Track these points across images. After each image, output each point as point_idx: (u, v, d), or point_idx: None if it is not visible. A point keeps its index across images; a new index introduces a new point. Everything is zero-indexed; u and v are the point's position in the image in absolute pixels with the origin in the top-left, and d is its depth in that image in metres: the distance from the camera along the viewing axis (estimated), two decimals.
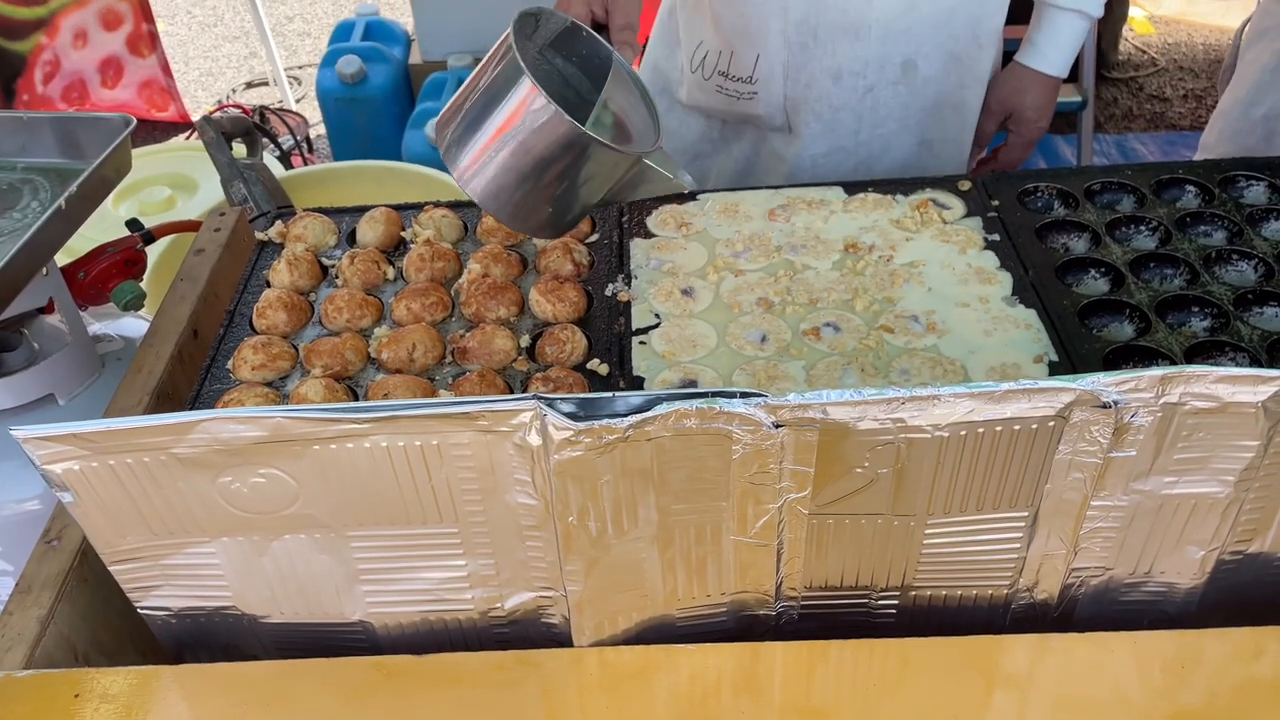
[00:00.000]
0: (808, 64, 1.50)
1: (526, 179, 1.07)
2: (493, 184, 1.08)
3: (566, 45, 1.17)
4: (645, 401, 0.78)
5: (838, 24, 1.47)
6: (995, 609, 0.95)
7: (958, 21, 1.51)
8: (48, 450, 0.81)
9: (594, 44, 1.17)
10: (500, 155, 1.06)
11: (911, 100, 1.55)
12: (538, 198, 1.09)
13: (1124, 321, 1.16)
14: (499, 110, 1.05)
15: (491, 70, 1.06)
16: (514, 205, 1.10)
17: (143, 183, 2.85)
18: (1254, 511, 0.89)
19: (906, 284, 1.21)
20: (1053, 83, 1.57)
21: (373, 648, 0.96)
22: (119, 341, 1.46)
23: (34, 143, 1.37)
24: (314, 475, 0.83)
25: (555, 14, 1.14)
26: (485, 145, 1.06)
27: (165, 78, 3.96)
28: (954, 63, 1.54)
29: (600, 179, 1.10)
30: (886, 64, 1.51)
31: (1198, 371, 0.79)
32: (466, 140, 1.08)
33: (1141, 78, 4.06)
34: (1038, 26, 1.55)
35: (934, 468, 0.84)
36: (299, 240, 1.34)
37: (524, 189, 1.08)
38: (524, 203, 1.10)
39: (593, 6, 1.22)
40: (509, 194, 1.09)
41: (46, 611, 0.96)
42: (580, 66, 1.18)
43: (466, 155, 1.08)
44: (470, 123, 1.07)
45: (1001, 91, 1.59)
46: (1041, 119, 1.59)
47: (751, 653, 0.89)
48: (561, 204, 1.11)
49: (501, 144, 1.05)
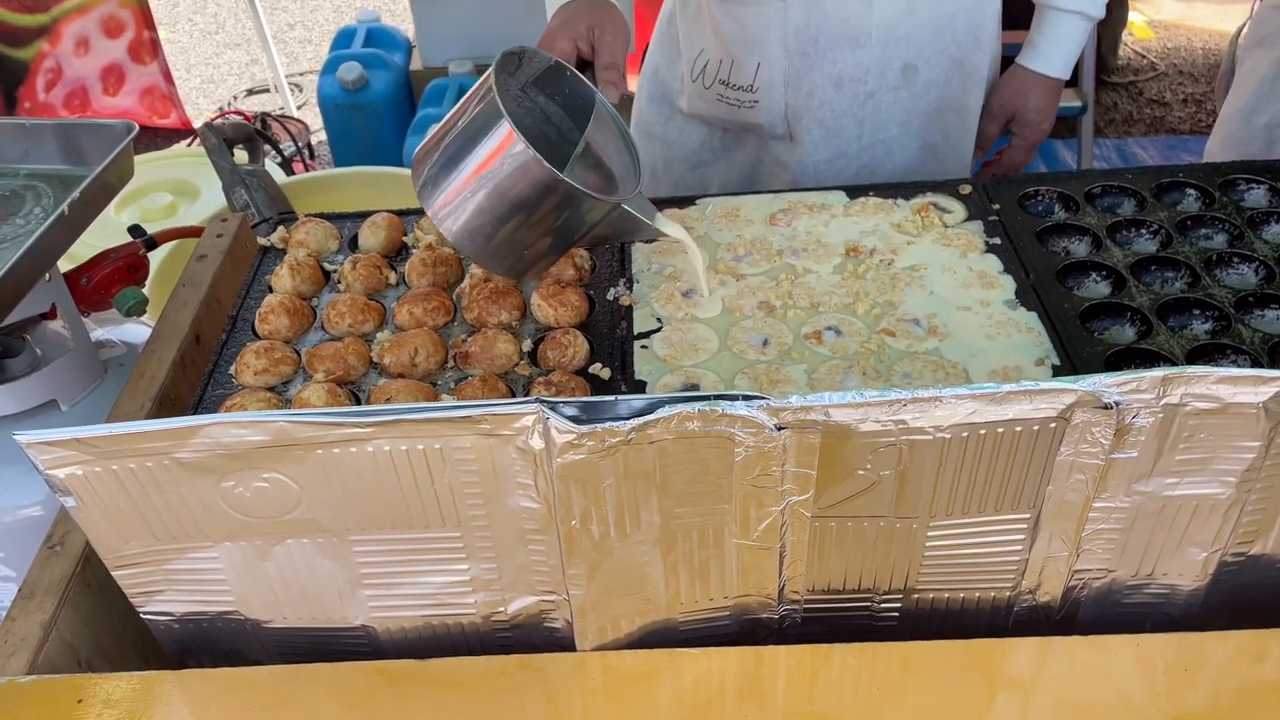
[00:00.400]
0: (808, 72, 1.51)
1: (501, 221, 1.07)
2: (467, 225, 1.08)
3: (550, 84, 1.16)
4: (647, 405, 0.78)
5: (838, 31, 1.47)
6: (998, 612, 0.95)
7: (959, 26, 1.51)
8: (51, 455, 0.81)
9: (577, 84, 1.16)
10: (476, 196, 1.06)
11: (913, 105, 1.55)
12: (512, 240, 1.09)
13: (1125, 324, 1.16)
14: (477, 151, 1.04)
15: (471, 109, 1.06)
16: (488, 247, 1.09)
17: (145, 189, 2.86)
18: (1256, 513, 0.89)
19: (908, 288, 1.22)
20: (1055, 84, 1.58)
21: (375, 652, 0.95)
22: (121, 347, 1.46)
23: (36, 149, 1.37)
24: (316, 479, 0.83)
25: (539, 53, 1.13)
26: (461, 185, 1.06)
27: (167, 85, 3.97)
28: (955, 67, 1.54)
29: (576, 224, 1.09)
30: (887, 69, 1.51)
31: (1199, 372, 0.79)
32: (442, 179, 1.07)
33: (1141, 82, 4.06)
34: (1039, 29, 1.55)
35: (936, 469, 0.84)
36: (301, 245, 1.34)
37: (498, 231, 1.08)
38: (498, 245, 1.09)
39: (579, 44, 1.21)
40: (483, 235, 1.08)
41: (49, 617, 0.96)
42: (563, 105, 1.18)
43: (441, 194, 1.07)
44: (447, 161, 1.07)
45: (1004, 94, 1.60)
46: (1044, 121, 1.60)
47: (755, 657, 0.89)
48: (536, 248, 1.11)
49: (478, 185, 1.05)
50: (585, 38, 1.21)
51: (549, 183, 1.02)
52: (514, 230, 1.07)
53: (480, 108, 1.04)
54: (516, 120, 1.01)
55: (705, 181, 1.70)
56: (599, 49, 1.21)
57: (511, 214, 1.06)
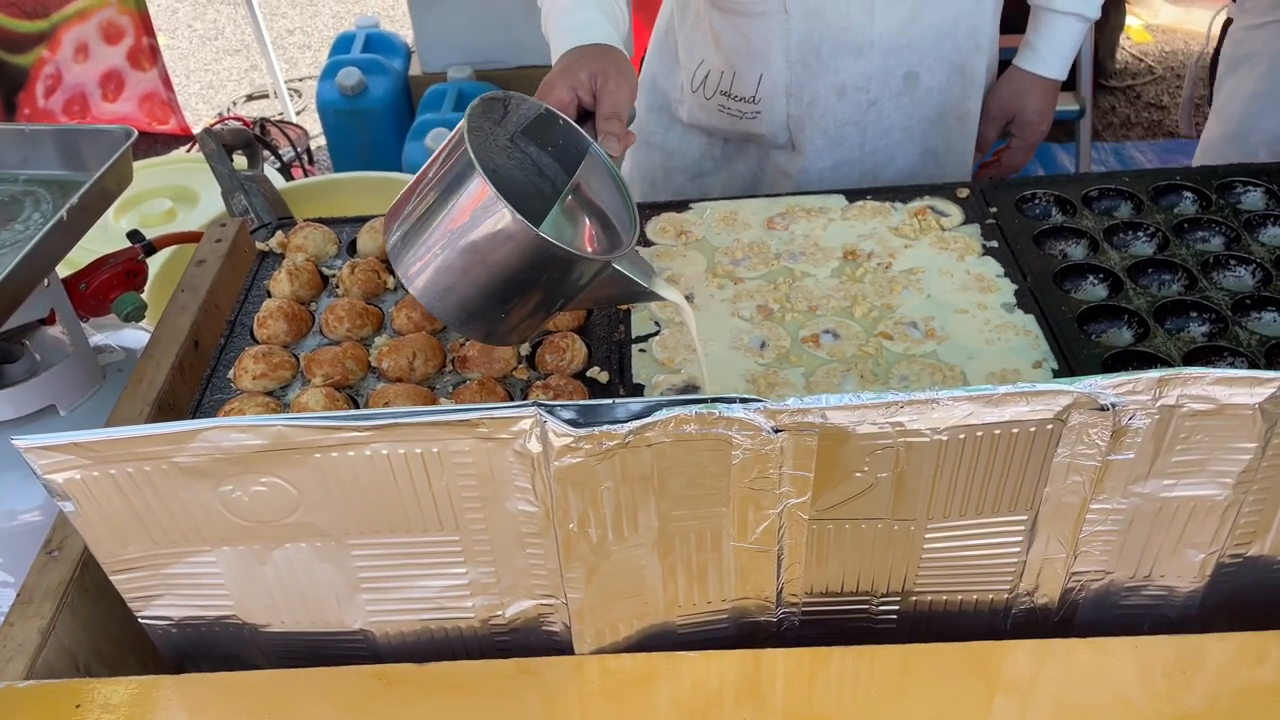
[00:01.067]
0: (810, 82, 1.50)
1: (476, 284, 0.97)
2: (438, 286, 0.97)
3: (541, 134, 1.07)
4: (645, 408, 0.78)
5: (840, 42, 1.47)
6: (996, 614, 0.95)
7: (959, 32, 1.51)
8: (49, 460, 0.81)
9: (571, 133, 1.07)
10: (448, 256, 0.96)
11: (915, 111, 1.55)
12: (488, 304, 0.99)
13: (1123, 327, 1.17)
14: (449, 206, 0.94)
15: (443, 160, 0.96)
16: (462, 311, 0.99)
17: (144, 195, 2.86)
18: (1253, 514, 0.89)
19: (905, 291, 1.22)
20: (1053, 85, 1.58)
21: (373, 656, 0.95)
22: (120, 352, 1.46)
23: (35, 155, 1.37)
24: (315, 483, 0.83)
25: (526, 100, 1.05)
26: (432, 244, 0.96)
27: (166, 91, 3.98)
28: (956, 74, 1.54)
29: (560, 286, 0.98)
30: (889, 77, 1.51)
31: (1195, 373, 0.79)
32: (412, 237, 0.97)
33: (1139, 86, 4.07)
34: (1035, 30, 1.56)
35: (933, 472, 0.84)
36: (299, 250, 1.34)
37: (474, 294, 0.97)
38: (474, 309, 0.99)
39: (579, 92, 1.14)
40: (455, 299, 0.98)
41: (47, 622, 0.96)
42: (556, 157, 1.09)
43: (411, 253, 0.97)
44: (419, 218, 0.97)
45: (1002, 96, 1.60)
46: (1043, 122, 1.60)
47: (753, 660, 0.89)
48: (515, 312, 1.00)
49: (449, 243, 0.95)
50: (586, 86, 1.14)
51: (527, 241, 0.92)
52: (490, 293, 0.97)
53: (452, 159, 0.95)
54: (503, 173, 0.94)
55: (706, 190, 1.69)
56: (600, 98, 1.13)
57: (488, 276, 0.96)
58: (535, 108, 1.05)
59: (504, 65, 3.09)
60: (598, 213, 1.07)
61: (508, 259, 0.94)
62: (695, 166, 1.68)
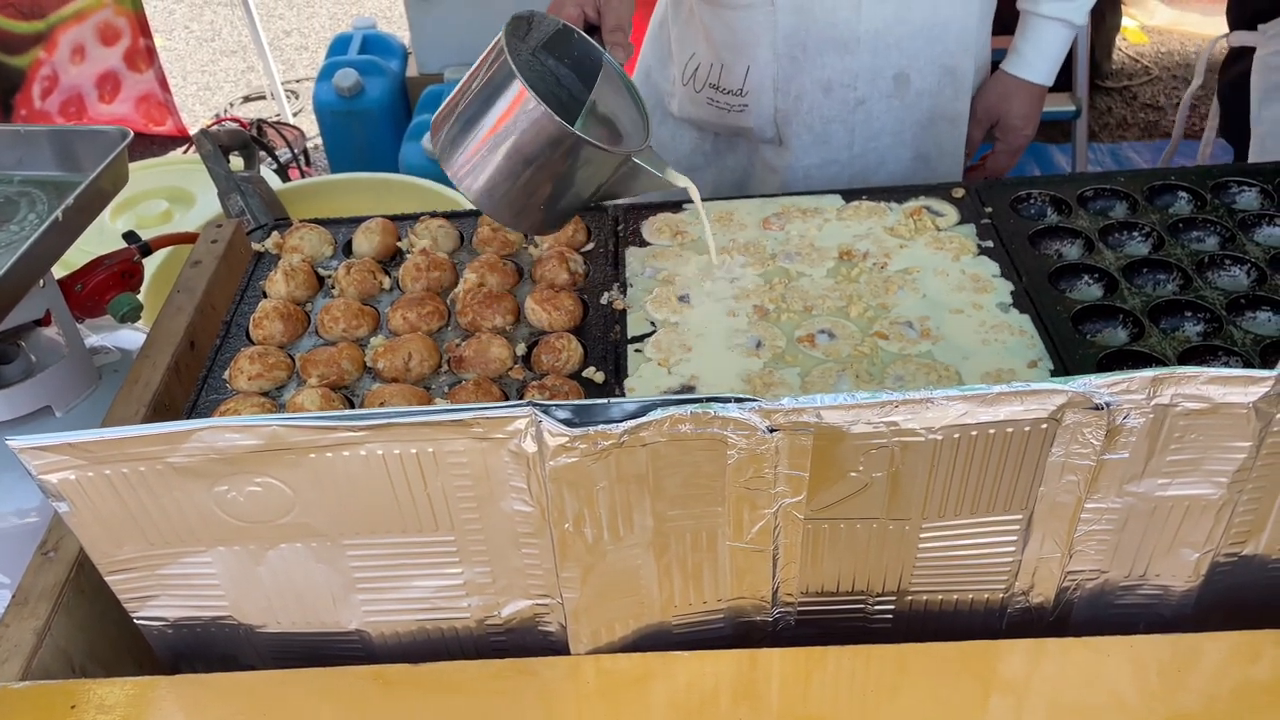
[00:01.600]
0: (797, 76, 1.51)
1: (518, 178, 1.10)
2: (487, 183, 1.11)
3: (559, 47, 1.19)
4: (640, 407, 0.78)
5: (827, 36, 1.48)
6: (991, 614, 0.95)
7: (951, 35, 1.51)
8: (44, 460, 0.81)
9: (586, 46, 1.19)
10: (493, 155, 1.09)
11: (905, 114, 1.55)
12: (530, 196, 1.12)
13: (1117, 327, 1.17)
14: (492, 111, 1.08)
15: (484, 72, 1.09)
16: (507, 203, 1.13)
17: (140, 196, 2.86)
18: (1247, 513, 0.89)
19: (901, 291, 1.22)
20: (1038, 90, 1.58)
21: (369, 657, 0.95)
22: (116, 353, 1.46)
23: (31, 156, 1.37)
24: (310, 484, 0.83)
25: (547, 17, 1.16)
26: (478, 145, 1.10)
27: (163, 92, 3.97)
28: (948, 76, 1.54)
29: (590, 178, 1.13)
30: (878, 77, 1.51)
31: (1189, 373, 0.79)
32: (461, 140, 1.11)
33: (1135, 87, 4.08)
34: (1023, 35, 1.56)
35: (928, 471, 0.84)
36: (295, 251, 1.34)
37: (516, 187, 1.11)
38: (516, 201, 1.13)
39: (585, 9, 1.23)
40: (502, 192, 1.12)
41: (43, 623, 0.96)
42: (573, 68, 1.21)
43: (461, 155, 1.11)
44: (465, 124, 1.10)
45: (988, 99, 1.61)
46: (1027, 127, 1.60)
47: (749, 659, 0.89)
48: (553, 202, 1.14)
49: (494, 144, 1.09)
50: (590, 3, 1.23)
51: (561, 137, 1.06)
52: (530, 186, 1.11)
53: (493, 70, 1.07)
54: (528, 82, 1.04)
55: (697, 186, 1.70)
56: (604, 13, 1.23)
57: (527, 170, 1.09)
58: (554, 24, 1.17)
59: None
60: (613, 118, 1.21)
61: (545, 154, 1.08)
62: (686, 161, 1.69)
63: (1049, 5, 1.51)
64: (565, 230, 1.35)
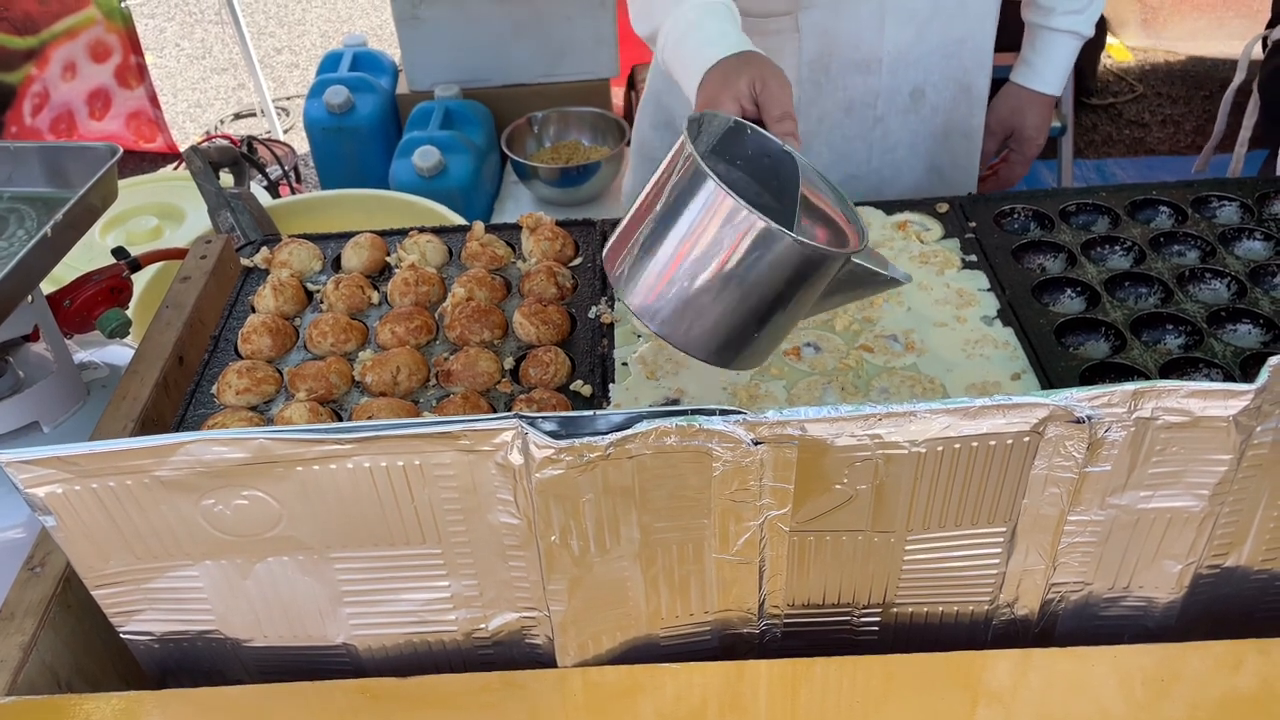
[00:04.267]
0: (819, 99, 1.51)
1: (728, 304, 0.92)
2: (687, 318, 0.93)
3: (729, 147, 1.06)
4: (626, 419, 0.79)
5: (849, 59, 1.48)
6: (977, 625, 0.95)
7: (966, 52, 1.53)
8: (30, 474, 0.81)
9: (760, 140, 1.05)
10: (695, 281, 0.91)
11: (921, 128, 1.57)
12: (743, 323, 0.93)
13: (1100, 339, 1.18)
14: (690, 229, 0.90)
15: (670, 184, 0.93)
16: (716, 337, 0.94)
17: (130, 213, 2.86)
18: (1229, 525, 0.90)
19: (886, 304, 1.23)
20: (1050, 100, 1.62)
21: (356, 670, 0.95)
22: (104, 369, 1.46)
23: (20, 172, 1.37)
24: (297, 497, 0.83)
25: (718, 115, 1.04)
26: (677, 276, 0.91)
27: (153, 109, 3.98)
28: (962, 92, 1.56)
29: (813, 288, 0.94)
30: (896, 94, 1.52)
31: (1169, 386, 0.80)
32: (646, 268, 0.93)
33: (1120, 104, 4.12)
34: (1032, 47, 1.59)
35: (912, 483, 0.84)
36: (284, 266, 1.35)
37: (726, 317, 0.92)
38: (729, 333, 0.93)
39: (742, 102, 1.12)
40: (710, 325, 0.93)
41: (29, 638, 0.96)
42: (744, 168, 1.06)
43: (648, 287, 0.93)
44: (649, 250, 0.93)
45: (1001, 112, 1.63)
46: (1040, 136, 1.64)
47: (736, 671, 0.90)
48: (772, 325, 0.96)
49: (695, 268, 0.90)
50: (747, 95, 1.12)
51: (783, 247, 0.88)
52: (745, 311, 0.93)
53: (682, 182, 0.91)
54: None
55: None
56: (765, 103, 1.11)
57: (741, 293, 0.91)
58: (725, 121, 1.05)
59: (490, 83, 3.11)
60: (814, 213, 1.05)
61: (764, 271, 0.90)
62: None
63: (1059, 18, 1.54)
64: (554, 244, 1.36)
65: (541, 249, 1.35)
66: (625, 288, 0.95)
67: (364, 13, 5.36)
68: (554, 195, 2.82)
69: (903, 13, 1.44)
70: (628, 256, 0.95)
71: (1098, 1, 1.54)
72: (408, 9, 3.03)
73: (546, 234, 1.36)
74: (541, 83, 3.06)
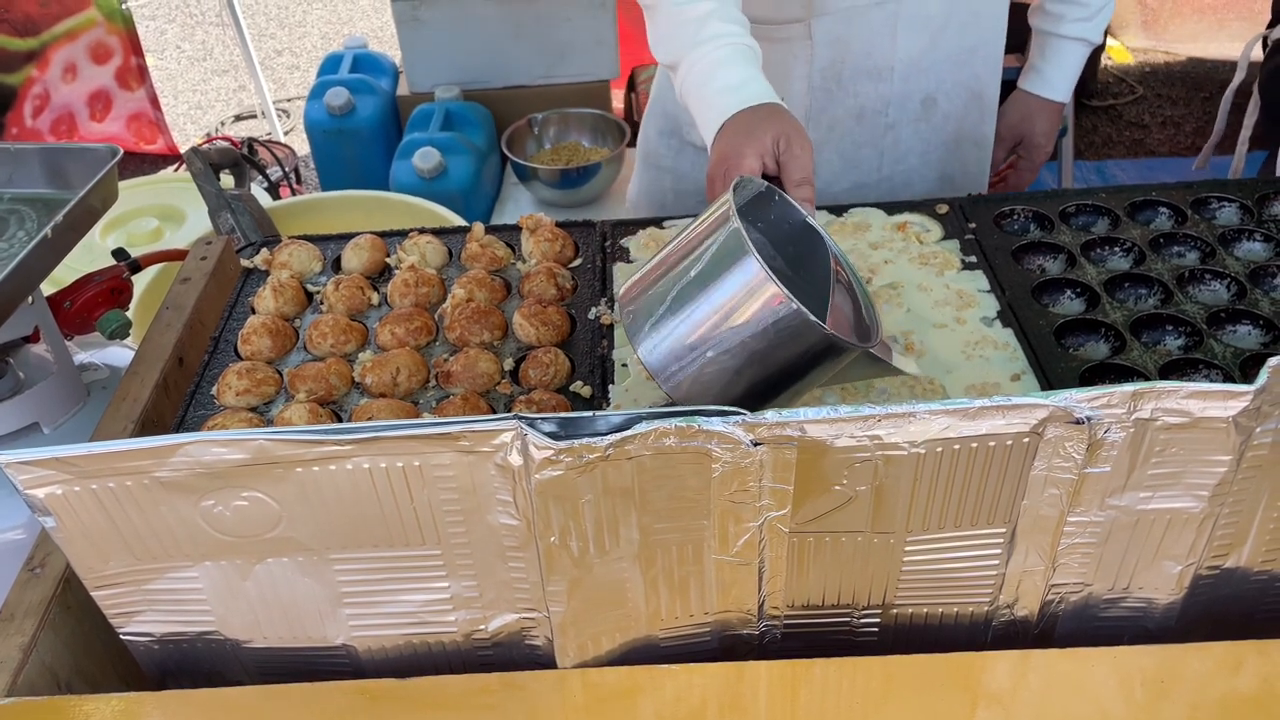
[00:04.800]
0: (830, 106, 1.51)
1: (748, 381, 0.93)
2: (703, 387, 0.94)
3: (752, 209, 1.05)
4: (625, 420, 0.79)
5: (862, 67, 1.47)
6: (976, 627, 0.95)
7: (978, 60, 1.53)
8: (30, 475, 0.81)
9: (785, 208, 1.05)
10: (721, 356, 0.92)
11: (932, 136, 1.56)
12: (758, 398, 0.95)
13: (1099, 340, 1.18)
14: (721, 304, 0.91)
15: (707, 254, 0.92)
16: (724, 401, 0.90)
17: (130, 214, 2.86)
18: (1229, 526, 0.90)
19: (885, 305, 1.23)
20: (1058, 107, 1.62)
21: (356, 672, 0.95)
22: (104, 370, 1.46)
23: (20, 173, 1.38)
24: (296, 498, 0.83)
25: (752, 180, 1.04)
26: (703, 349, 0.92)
27: (154, 111, 3.98)
28: (974, 100, 1.56)
29: (826, 371, 0.96)
30: (908, 101, 1.52)
31: (1168, 387, 0.80)
32: (673, 334, 0.93)
33: (1120, 105, 4.12)
34: (1041, 55, 1.59)
35: (911, 484, 0.84)
36: (284, 267, 1.35)
37: (742, 391, 0.94)
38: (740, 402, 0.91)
39: (765, 159, 1.10)
40: (720, 392, 0.94)
41: (29, 639, 0.96)
42: (764, 230, 1.07)
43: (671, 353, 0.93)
44: (677, 309, 0.93)
45: (1011, 119, 1.63)
46: (1049, 143, 1.65)
47: (736, 672, 0.90)
48: (781, 400, 0.97)
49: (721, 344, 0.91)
50: (771, 151, 1.10)
51: (814, 338, 0.89)
52: (760, 388, 0.94)
53: (719, 249, 0.91)
54: None
55: None
56: (787, 164, 1.10)
57: (762, 373, 0.93)
58: (757, 186, 1.04)
59: (491, 85, 3.11)
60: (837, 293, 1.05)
61: (791, 357, 0.91)
62: (706, 190, 1.68)
63: (1069, 25, 1.54)
64: (554, 245, 1.36)
65: (541, 250, 1.35)
66: (641, 340, 0.95)
67: (364, 15, 5.36)
68: (554, 196, 2.82)
69: (916, 21, 1.44)
70: (646, 308, 0.95)
71: (1107, 9, 1.54)
72: (408, 11, 3.04)
73: (546, 235, 1.36)
74: (541, 84, 3.06)
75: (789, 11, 1.44)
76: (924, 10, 1.43)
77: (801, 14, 1.43)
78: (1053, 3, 1.55)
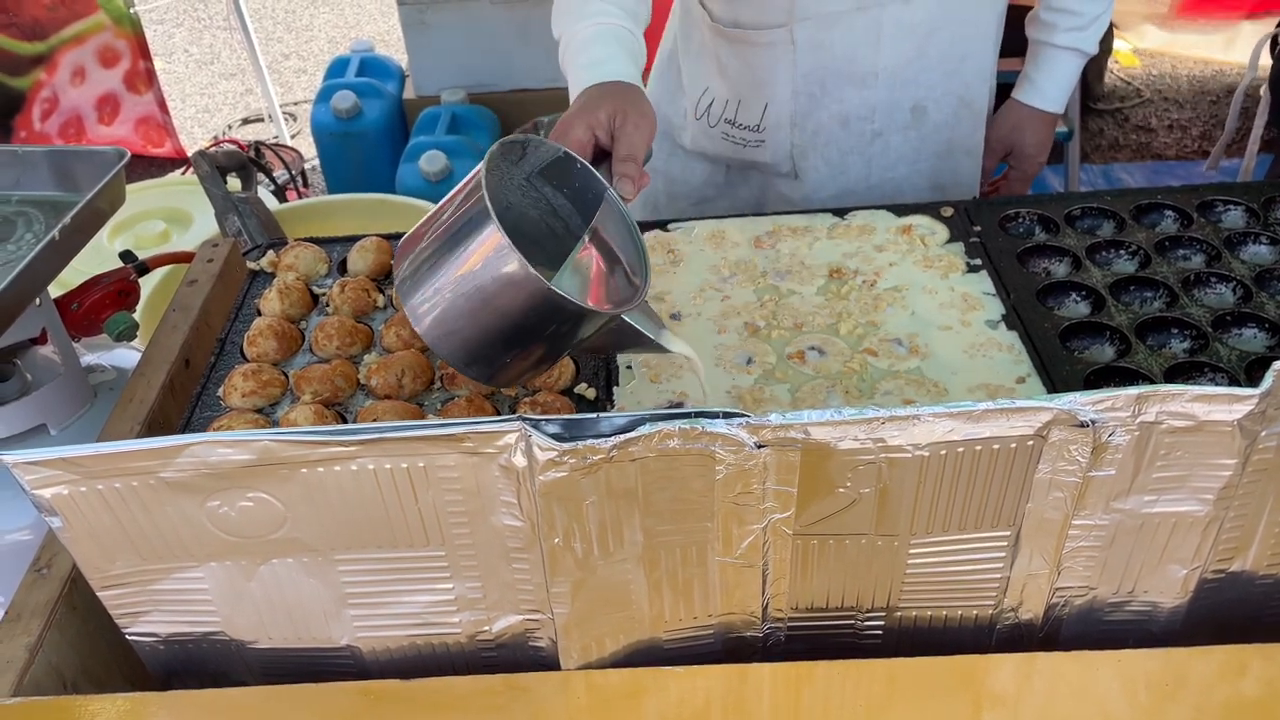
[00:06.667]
0: (814, 112, 1.51)
1: (482, 328, 0.97)
2: (444, 328, 0.98)
3: (559, 174, 1.07)
4: (629, 422, 0.79)
5: (845, 73, 1.47)
6: (981, 630, 0.95)
7: (969, 69, 1.52)
8: (37, 475, 0.82)
9: (588, 176, 1.07)
10: (456, 299, 0.96)
11: (922, 145, 1.56)
12: (492, 349, 0.99)
13: (1105, 344, 1.18)
14: (461, 250, 0.95)
15: (459, 204, 0.97)
16: (464, 353, 1.00)
17: (138, 217, 2.87)
18: (1234, 530, 0.90)
19: (890, 308, 1.23)
20: (1051, 118, 1.60)
21: (360, 672, 0.96)
22: (111, 372, 1.46)
23: (29, 176, 1.38)
24: (301, 498, 0.84)
25: (544, 143, 1.05)
26: (441, 286, 0.97)
27: (162, 114, 4.00)
28: (965, 109, 1.55)
29: (569, 336, 0.99)
30: (895, 109, 1.51)
31: (1173, 390, 0.80)
32: (422, 276, 0.98)
33: (1127, 109, 4.11)
34: (1035, 65, 1.57)
35: (916, 487, 0.84)
36: (290, 269, 1.35)
37: (477, 337, 0.98)
38: (476, 351, 0.99)
39: (596, 132, 1.12)
40: (459, 340, 0.98)
41: (35, 639, 0.96)
42: (572, 198, 1.09)
43: (420, 292, 0.98)
44: (429, 257, 0.98)
45: (1002, 129, 1.62)
46: (1040, 154, 1.62)
47: (740, 675, 0.90)
48: (518, 358, 1.01)
49: (458, 287, 0.96)
50: (604, 125, 1.12)
51: (536, 292, 0.93)
52: (495, 338, 0.98)
53: (468, 203, 0.95)
54: (517, 211, 0.94)
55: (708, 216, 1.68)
56: (618, 138, 1.12)
57: (494, 322, 0.96)
58: (553, 150, 1.05)
59: (496, 88, 3.12)
60: (611, 257, 1.06)
61: (516, 307, 0.94)
62: (698, 193, 1.68)
63: (1063, 36, 1.52)
64: None
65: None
66: (398, 280, 1.00)
67: (371, 19, 5.37)
68: None
69: (901, 28, 1.44)
70: (409, 250, 1.00)
71: (1101, 19, 1.52)
72: (415, 15, 3.05)
73: None
74: (547, 88, 3.07)
75: (772, 17, 1.44)
76: (909, 18, 1.43)
77: (784, 19, 1.44)
78: (1047, 11, 1.53)
